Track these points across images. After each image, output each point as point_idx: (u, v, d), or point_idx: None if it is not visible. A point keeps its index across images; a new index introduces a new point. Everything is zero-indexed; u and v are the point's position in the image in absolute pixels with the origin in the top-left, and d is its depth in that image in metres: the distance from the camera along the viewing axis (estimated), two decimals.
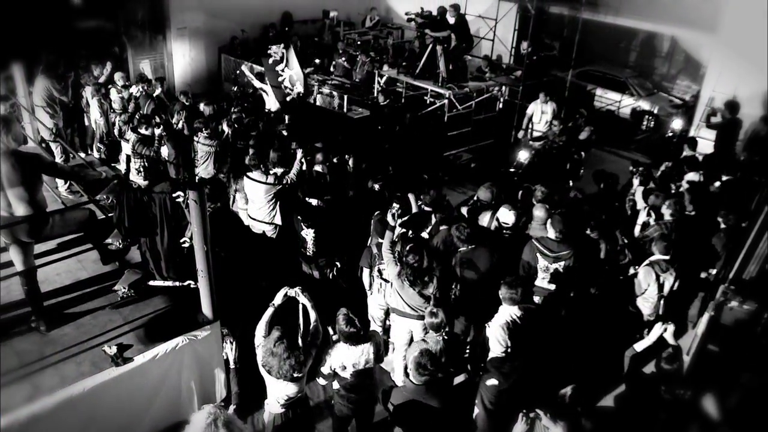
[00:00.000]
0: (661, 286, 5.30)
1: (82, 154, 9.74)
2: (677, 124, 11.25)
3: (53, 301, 4.82)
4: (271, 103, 10.27)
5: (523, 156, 8.87)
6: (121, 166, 9.02)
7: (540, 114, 9.48)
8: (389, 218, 4.82)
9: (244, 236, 5.94)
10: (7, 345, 4.36)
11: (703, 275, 5.92)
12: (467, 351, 5.32)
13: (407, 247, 4.75)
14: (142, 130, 6.83)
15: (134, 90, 8.97)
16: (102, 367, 4.06)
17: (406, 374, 4.02)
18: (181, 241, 4.56)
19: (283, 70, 10.52)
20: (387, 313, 5.48)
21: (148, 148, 6.69)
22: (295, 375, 3.82)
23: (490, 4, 12.81)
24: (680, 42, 14.44)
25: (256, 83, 10.49)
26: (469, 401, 4.52)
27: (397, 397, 3.95)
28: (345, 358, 4.14)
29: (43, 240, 4.44)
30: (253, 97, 10.68)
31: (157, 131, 6.71)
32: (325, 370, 4.21)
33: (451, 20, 9.64)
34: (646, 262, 5.39)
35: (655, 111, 13.08)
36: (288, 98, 10.20)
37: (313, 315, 4.05)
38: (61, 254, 4.73)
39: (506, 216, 5.60)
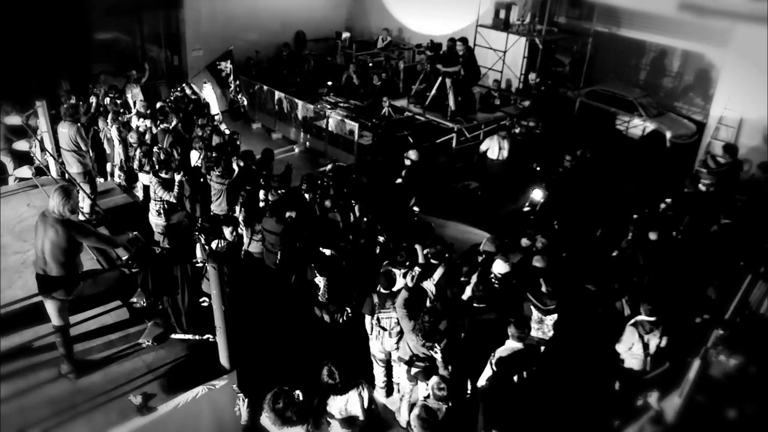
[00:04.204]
0: (646, 345, 5.41)
1: (102, 179, 10.12)
2: (537, 195, 8.70)
3: (80, 347, 5.06)
4: (215, 109, 11.77)
5: (538, 195, 8.59)
6: (139, 193, 9.39)
7: (498, 150, 9.63)
8: (408, 280, 5.09)
9: (258, 281, 6.26)
10: (40, 393, 4.65)
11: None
12: (468, 394, 5.62)
13: (426, 309, 5.05)
14: (162, 174, 7.08)
15: (149, 123, 9.26)
16: (128, 416, 4.36)
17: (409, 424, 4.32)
18: (201, 300, 4.90)
19: (231, 81, 12.66)
20: (389, 355, 5.78)
21: (169, 192, 6.98)
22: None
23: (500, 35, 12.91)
24: (691, 59, 14.34)
25: (200, 92, 11.82)
26: None
27: None
28: (331, 406, 4.48)
29: (74, 296, 4.74)
30: (195, 103, 11.64)
31: (177, 177, 6.95)
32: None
33: (460, 53, 9.86)
34: (632, 321, 5.50)
35: (667, 135, 12.69)
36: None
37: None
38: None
39: (501, 267, 5.80)
